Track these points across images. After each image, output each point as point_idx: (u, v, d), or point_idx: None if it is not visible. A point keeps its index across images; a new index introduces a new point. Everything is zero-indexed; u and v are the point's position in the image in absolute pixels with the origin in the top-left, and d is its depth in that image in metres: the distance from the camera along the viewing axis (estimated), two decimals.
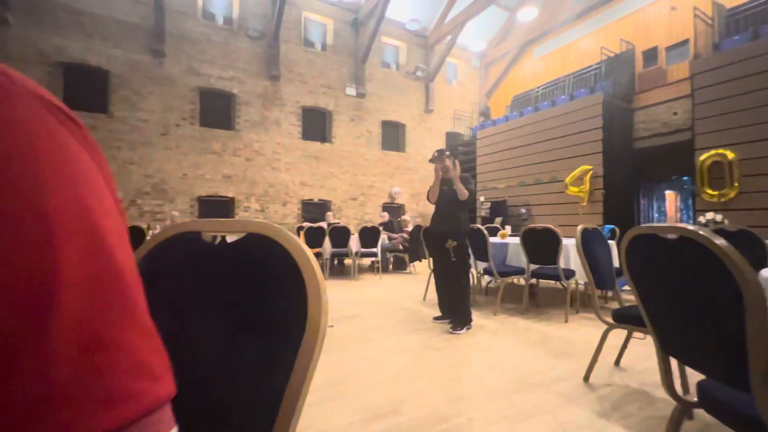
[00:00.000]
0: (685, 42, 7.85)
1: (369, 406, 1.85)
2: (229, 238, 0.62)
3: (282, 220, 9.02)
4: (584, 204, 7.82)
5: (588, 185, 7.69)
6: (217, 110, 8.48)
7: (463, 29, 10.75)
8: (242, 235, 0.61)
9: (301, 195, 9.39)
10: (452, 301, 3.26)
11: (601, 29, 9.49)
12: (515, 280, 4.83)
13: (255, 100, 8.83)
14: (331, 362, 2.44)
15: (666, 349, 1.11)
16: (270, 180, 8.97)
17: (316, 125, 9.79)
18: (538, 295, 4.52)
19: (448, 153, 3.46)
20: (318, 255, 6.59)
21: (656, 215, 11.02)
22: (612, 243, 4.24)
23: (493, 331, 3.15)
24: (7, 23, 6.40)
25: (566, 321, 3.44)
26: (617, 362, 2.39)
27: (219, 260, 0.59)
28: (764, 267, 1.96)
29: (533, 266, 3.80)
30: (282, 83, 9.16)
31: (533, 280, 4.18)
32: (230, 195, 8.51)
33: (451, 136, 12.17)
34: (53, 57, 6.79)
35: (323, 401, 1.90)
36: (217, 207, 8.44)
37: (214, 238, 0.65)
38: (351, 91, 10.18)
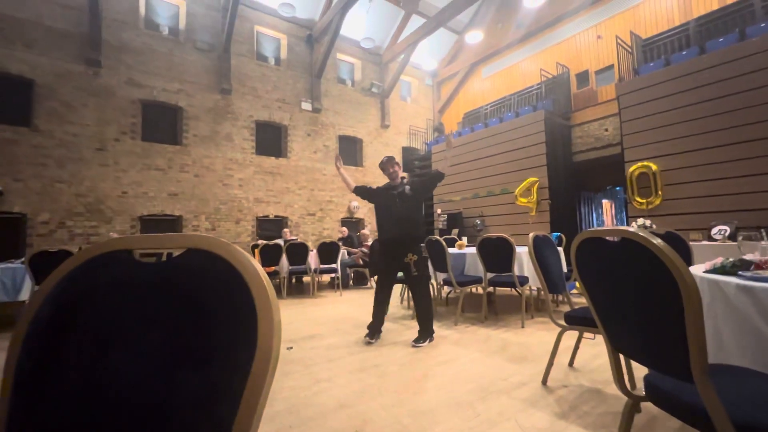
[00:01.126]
0: (611, 67, 8.77)
1: (331, 431, 1.75)
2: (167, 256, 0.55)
3: (235, 239, 8.58)
4: (533, 213, 8.29)
5: (535, 196, 8.18)
6: (162, 124, 7.98)
7: (415, 49, 11.18)
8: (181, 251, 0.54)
9: (255, 212, 9.03)
10: (420, 314, 3.18)
11: (540, 53, 10.33)
12: (473, 289, 4.95)
13: (204, 114, 8.44)
14: (290, 386, 2.30)
15: (616, 346, 1.16)
16: (221, 197, 8.54)
17: (270, 140, 9.55)
18: (495, 303, 4.66)
19: (396, 161, 3.43)
20: (275, 273, 6.32)
21: (596, 222, 11.97)
22: (559, 249, 4.52)
23: (455, 342, 3.17)
24: None
25: (523, 326, 3.56)
26: (571, 363, 2.49)
27: (153, 282, 0.51)
28: (689, 265, 2.16)
29: (490, 275, 3.91)
30: (234, 97, 8.87)
31: (491, 289, 4.30)
32: (177, 213, 7.96)
33: (407, 151, 12.45)
34: None
35: (283, 429, 1.77)
36: (162, 227, 7.84)
37: (157, 256, 0.57)
38: (307, 105, 10.10)
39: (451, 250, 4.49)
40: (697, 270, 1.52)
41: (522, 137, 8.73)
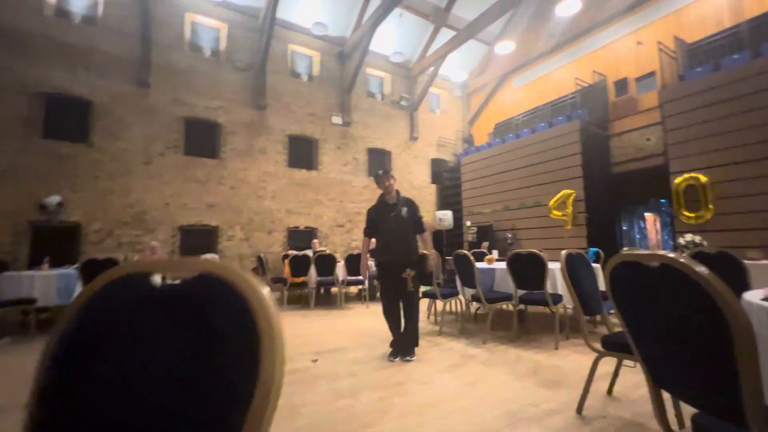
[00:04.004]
0: (652, 74, 8.34)
1: None
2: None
3: (267, 249, 8.84)
4: (568, 227, 7.93)
5: (570, 209, 7.83)
6: (202, 139, 8.46)
7: (444, 61, 11.21)
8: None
9: (287, 223, 9.28)
10: (408, 330, 3.13)
11: (574, 61, 10.02)
12: (504, 306, 4.77)
13: (241, 129, 8.86)
14: (313, 401, 2.29)
15: (657, 381, 1.07)
16: (255, 208, 8.86)
17: (302, 153, 9.84)
18: (527, 321, 4.45)
19: (391, 174, 3.37)
20: (303, 284, 6.42)
21: (638, 236, 11.25)
22: (597, 266, 4.27)
23: (483, 362, 3.05)
24: None
25: (556, 348, 3.37)
26: (610, 391, 2.32)
27: (164, 307, 0.53)
28: (745, 289, 1.96)
29: (521, 292, 3.76)
30: (268, 113, 9.26)
31: (522, 306, 4.13)
32: (214, 224, 8.34)
33: (436, 163, 12.39)
34: (33, 87, 6.72)
35: None
36: (200, 236, 8.24)
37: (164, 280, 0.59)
38: (337, 119, 10.35)
39: (479, 265, 4.37)
40: (755, 296, 1.37)
41: (556, 148, 8.44)
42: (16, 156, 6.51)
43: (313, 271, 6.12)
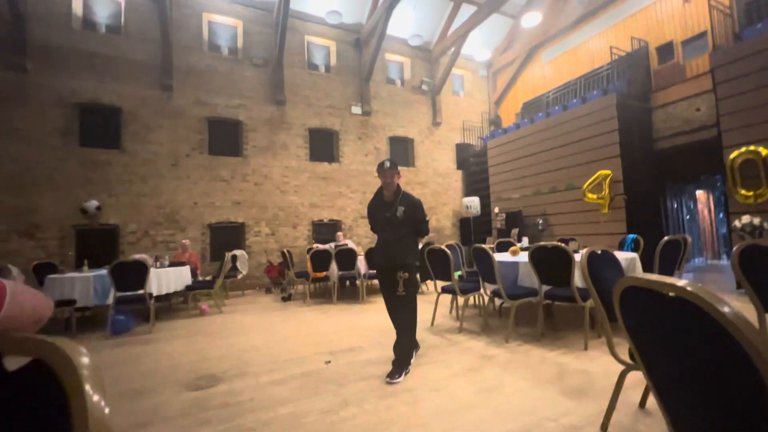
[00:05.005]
0: (703, 34, 7.42)
1: None
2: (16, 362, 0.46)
3: (293, 243, 8.98)
4: (605, 211, 7.37)
5: (607, 191, 7.25)
6: (225, 138, 8.64)
7: (466, 40, 10.65)
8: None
9: (311, 216, 9.35)
10: (397, 346, 2.80)
11: (609, 28, 9.15)
12: (531, 298, 4.50)
13: (261, 126, 8.95)
14: (318, 409, 2.24)
15: (678, 428, 0.87)
16: (279, 203, 8.99)
17: (323, 146, 9.81)
18: (555, 317, 4.18)
19: (398, 168, 2.95)
20: (326, 278, 6.45)
21: (687, 218, 10.31)
22: (634, 256, 3.89)
23: (503, 364, 2.87)
24: (26, 70, 6.77)
25: (586, 348, 3.11)
26: (642, 404, 2.07)
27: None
28: None
29: (546, 287, 3.49)
30: (288, 107, 9.27)
31: (548, 300, 3.86)
32: (240, 220, 8.56)
33: (461, 148, 11.95)
34: (69, 99, 7.12)
35: None
36: (228, 233, 8.50)
37: None
38: (356, 109, 10.19)
39: (501, 258, 4.12)
40: None
41: (590, 125, 7.81)
42: (58, 164, 6.96)
43: (334, 265, 6.11)
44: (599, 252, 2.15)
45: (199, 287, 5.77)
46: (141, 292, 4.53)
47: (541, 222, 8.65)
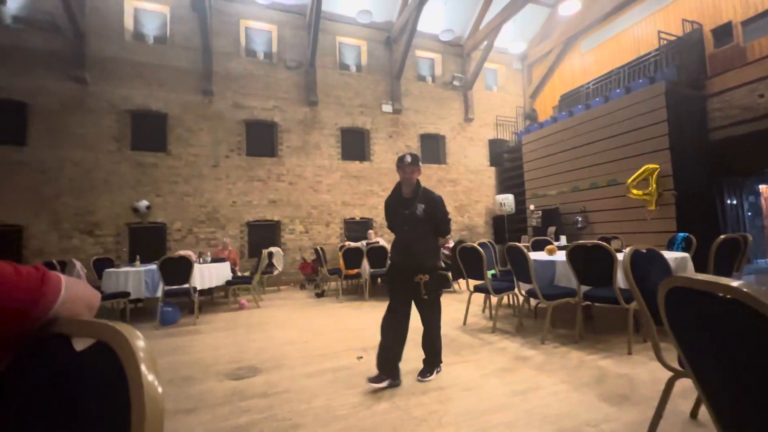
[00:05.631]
0: (766, 13, 6.73)
1: None
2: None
3: (326, 241, 9.17)
4: (652, 208, 6.91)
5: (654, 186, 6.79)
6: (261, 139, 8.98)
7: (499, 32, 10.34)
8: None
9: (343, 214, 9.51)
10: (426, 345, 2.70)
11: (657, 12, 8.53)
12: (570, 300, 4.32)
13: (295, 127, 9.21)
14: (351, 403, 2.29)
15: None
16: (313, 202, 9.22)
17: (354, 145, 9.93)
18: (595, 319, 3.98)
19: (420, 163, 2.73)
20: (358, 275, 6.54)
21: (748, 214, 9.41)
22: (685, 256, 3.62)
23: (538, 366, 2.78)
24: (85, 82, 7.40)
25: (629, 353, 2.94)
26: (694, 414, 1.94)
27: (56, 376, 0.50)
28: None
29: (585, 287, 3.34)
30: (320, 108, 9.47)
31: (587, 302, 3.68)
32: (276, 219, 8.87)
33: (494, 144, 11.64)
34: (121, 106, 7.70)
35: None
36: (265, 231, 8.84)
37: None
38: (387, 108, 10.21)
39: (537, 257, 3.99)
40: None
41: (635, 117, 7.34)
42: (112, 168, 7.56)
43: (365, 263, 6.18)
44: (644, 251, 2.02)
45: (238, 282, 6.05)
46: (186, 286, 4.82)
47: (580, 219, 8.25)
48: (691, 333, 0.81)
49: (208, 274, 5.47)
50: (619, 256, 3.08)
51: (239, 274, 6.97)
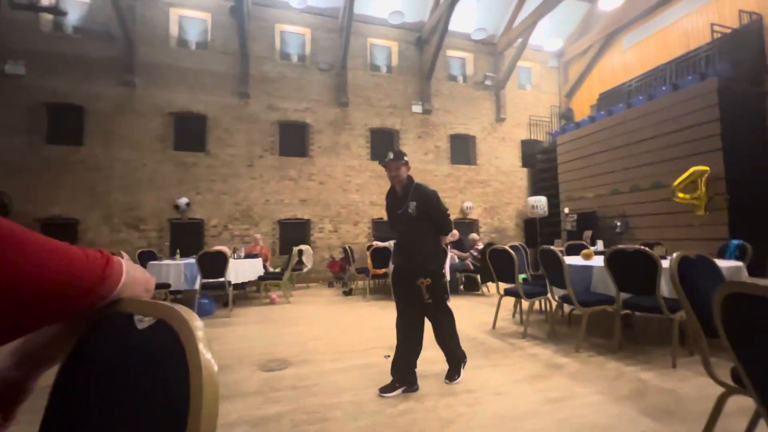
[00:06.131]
0: None
1: None
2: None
3: (354, 240, 9.27)
4: (701, 213, 6.45)
5: (704, 190, 6.34)
6: (293, 140, 9.23)
7: (534, 29, 10.04)
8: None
9: (371, 214, 9.57)
10: (443, 348, 2.60)
11: (710, 4, 7.96)
12: (607, 307, 4.12)
13: (326, 128, 9.38)
14: (377, 401, 2.30)
15: None
16: (342, 201, 9.35)
17: (383, 145, 9.97)
18: (635, 329, 3.77)
19: (406, 158, 2.56)
20: (385, 275, 6.56)
21: None
22: (739, 265, 3.36)
23: (572, 374, 2.67)
24: (134, 86, 7.93)
25: (674, 366, 2.76)
26: None
27: (122, 350, 0.55)
28: None
29: (625, 295, 3.17)
30: (350, 108, 9.60)
31: (627, 311, 3.50)
32: (306, 217, 9.08)
33: (527, 144, 11.31)
34: (166, 109, 8.18)
35: None
36: (295, 229, 9.07)
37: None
38: (417, 108, 10.18)
39: (572, 261, 3.84)
40: None
41: (683, 115, 6.89)
42: (157, 166, 8.03)
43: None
44: (693, 257, 1.90)
45: (270, 278, 6.25)
46: (222, 279, 5.04)
47: (619, 224, 7.85)
48: (752, 345, 0.76)
49: (242, 269, 5.69)
50: (664, 263, 2.90)
51: (270, 270, 7.20)
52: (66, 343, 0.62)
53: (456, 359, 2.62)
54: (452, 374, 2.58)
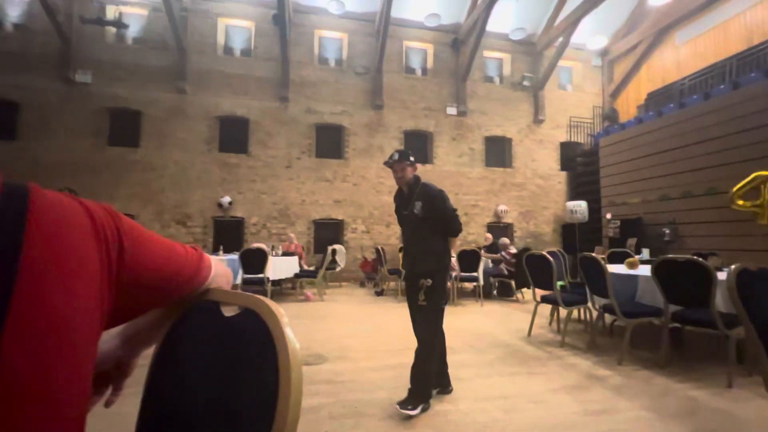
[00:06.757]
0: None
1: None
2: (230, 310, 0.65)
3: (386, 241, 9.36)
4: (764, 222, 5.93)
5: (767, 197, 5.82)
6: (329, 142, 9.47)
7: (577, 28, 9.65)
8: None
9: None
10: (414, 366, 2.29)
11: None
12: (653, 319, 3.90)
13: (361, 130, 9.55)
14: None
15: None
16: (374, 203, 9.47)
17: (417, 148, 9.98)
18: (685, 344, 3.55)
19: (412, 158, 2.47)
20: None
21: None
22: None
23: (615, 387, 2.58)
24: (185, 91, 8.49)
25: (729, 386, 2.58)
26: None
27: (214, 334, 0.63)
28: None
29: (674, 307, 3.00)
30: (385, 111, 9.70)
31: (676, 324, 3.30)
32: (340, 218, 9.28)
33: (566, 147, 10.89)
34: (212, 113, 8.69)
35: None
36: (329, 229, 9.29)
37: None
38: (452, 110, 10.11)
39: (615, 270, 3.68)
40: None
41: (744, 116, 6.38)
42: (203, 167, 8.54)
43: None
44: (754, 270, 1.78)
45: (305, 276, 6.46)
46: (261, 275, 5.29)
47: (668, 232, 7.38)
48: None
49: (279, 266, 5.93)
50: (720, 275, 2.72)
51: (305, 268, 7.43)
52: (162, 328, 0.71)
53: (421, 388, 2.20)
54: (408, 402, 2.15)
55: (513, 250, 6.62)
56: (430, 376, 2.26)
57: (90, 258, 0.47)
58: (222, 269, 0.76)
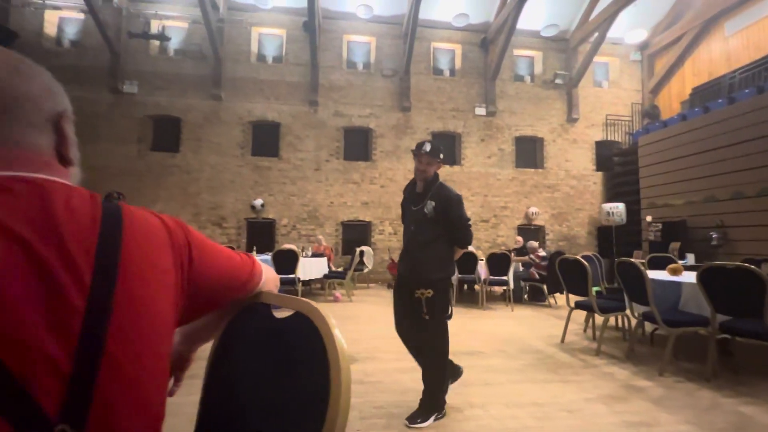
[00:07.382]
0: None
1: None
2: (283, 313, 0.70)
3: None
4: None
5: None
6: (357, 145, 9.61)
7: (614, 22, 9.25)
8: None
9: None
10: (424, 376, 2.19)
11: None
12: (700, 330, 3.68)
13: (388, 132, 9.61)
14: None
15: None
16: None
17: (445, 149, 9.80)
18: (735, 356, 3.32)
19: (442, 156, 2.29)
20: None
21: None
22: None
23: (655, 399, 2.46)
24: (220, 98, 8.91)
25: None
26: None
27: (267, 334, 0.68)
28: None
29: (723, 317, 2.83)
30: (413, 113, 9.71)
31: (725, 335, 3.10)
32: (367, 219, 9.38)
33: (601, 146, 10.44)
34: (245, 118, 9.05)
35: None
36: (357, 230, 9.41)
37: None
38: (480, 111, 9.96)
39: (656, 276, 3.51)
40: None
41: None
42: (237, 170, 8.91)
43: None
44: None
45: (334, 277, 6.59)
46: (292, 276, 5.45)
47: (715, 236, 6.91)
48: None
49: (309, 267, 6.08)
50: None
51: (333, 269, 7.57)
52: (218, 327, 0.78)
53: (433, 401, 2.13)
54: (417, 416, 2.08)
55: (542, 253, 6.44)
56: (437, 390, 2.16)
57: (168, 265, 0.54)
58: (272, 274, 0.82)
